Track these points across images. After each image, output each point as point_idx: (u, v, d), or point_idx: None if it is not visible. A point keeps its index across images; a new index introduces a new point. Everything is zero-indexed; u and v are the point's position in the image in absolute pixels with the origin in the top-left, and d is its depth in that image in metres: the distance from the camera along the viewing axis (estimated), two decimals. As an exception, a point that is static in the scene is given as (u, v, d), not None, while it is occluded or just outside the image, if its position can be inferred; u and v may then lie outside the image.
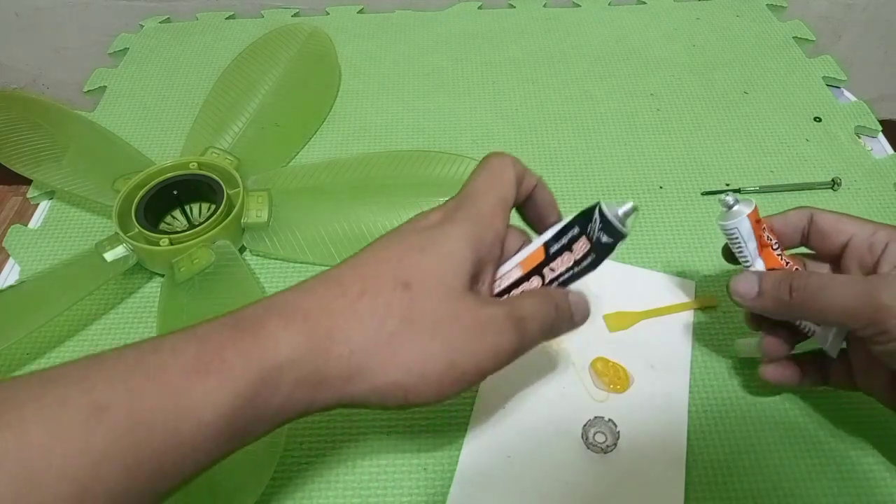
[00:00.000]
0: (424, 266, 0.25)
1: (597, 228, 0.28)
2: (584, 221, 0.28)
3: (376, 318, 0.24)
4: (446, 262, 0.26)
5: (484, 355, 0.25)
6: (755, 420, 0.37)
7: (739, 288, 0.33)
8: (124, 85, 0.62)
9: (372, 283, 0.25)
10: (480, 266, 0.27)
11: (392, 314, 0.24)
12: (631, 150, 0.54)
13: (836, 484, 0.35)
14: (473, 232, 0.27)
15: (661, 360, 0.39)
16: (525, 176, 0.30)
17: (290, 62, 0.58)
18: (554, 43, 0.65)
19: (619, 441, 0.36)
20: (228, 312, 0.25)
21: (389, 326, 0.24)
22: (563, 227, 0.29)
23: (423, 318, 0.24)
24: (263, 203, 0.46)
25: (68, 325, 0.43)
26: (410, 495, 0.35)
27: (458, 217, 0.27)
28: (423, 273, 0.25)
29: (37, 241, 0.48)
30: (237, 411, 0.22)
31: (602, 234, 0.28)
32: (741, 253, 0.33)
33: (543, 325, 0.27)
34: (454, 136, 0.55)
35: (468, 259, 0.26)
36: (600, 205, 0.28)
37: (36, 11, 0.90)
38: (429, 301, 0.25)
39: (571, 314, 0.29)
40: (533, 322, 0.27)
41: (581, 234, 0.29)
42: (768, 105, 0.57)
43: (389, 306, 0.24)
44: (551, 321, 0.28)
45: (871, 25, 0.94)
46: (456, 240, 0.26)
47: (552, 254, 0.29)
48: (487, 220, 0.27)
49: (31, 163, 0.49)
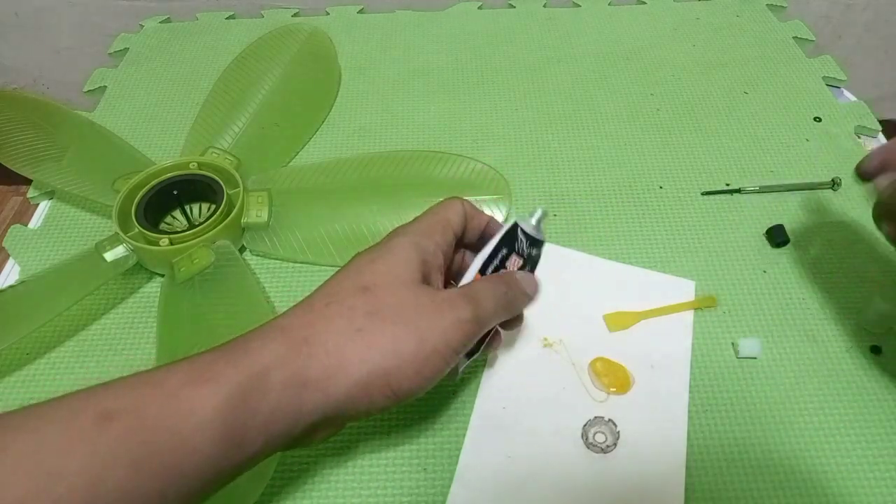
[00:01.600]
0: (379, 270, 0.29)
1: (525, 245, 0.33)
2: (509, 241, 0.32)
3: (344, 318, 0.27)
4: (397, 263, 0.29)
5: (448, 328, 0.28)
6: (755, 420, 0.37)
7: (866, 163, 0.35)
8: (124, 85, 0.62)
9: (336, 294, 0.28)
10: (427, 268, 0.30)
11: (357, 313, 0.27)
12: (631, 150, 0.54)
13: (836, 484, 0.35)
14: (414, 241, 0.30)
15: (661, 360, 0.39)
16: (476, 215, 0.33)
17: (290, 62, 0.58)
18: (554, 43, 0.65)
19: (619, 441, 0.36)
20: None
21: (357, 323, 0.27)
22: (491, 252, 0.32)
23: (386, 309, 0.27)
24: (263, 203, 0.46)
25: (68, 325, 0.43)
26: (410, 495, 0.35)
27: (400, 231, 0.31)
28: (378, 276, 0.29)
29: (37, 241, 0.48)
30: (231, 411, 0.24)
31: (531, 248, 0.33)
32: None
33: (497, 300, 0.30)
34: (454, 136, 0.55)
35: (415, 259, 0.29)
36: (519, 225, 0.32)
37: (36, 11, 0.90)
38: (388, 295, 0.28)
39: (522, 288, 0.32)
40: (486, 299, 0.30)
41: (511, 253, 0.32)
42: (768, 105, 0.57)
43: (353, 308, 0.27)
44: (503, 296, 0.30)
45: (871, 25, 0.94)
46: (401, 246, 0.30)
47: (489, 275, 0.32)
48: (427, 233, 0.31)
49: (31, 163, 0.49)
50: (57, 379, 0.40)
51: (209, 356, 0.26)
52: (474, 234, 0.34)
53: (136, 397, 0.24)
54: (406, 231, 0.31)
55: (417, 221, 0.32)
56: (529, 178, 0.51)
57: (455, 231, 0.32)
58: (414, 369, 0.27)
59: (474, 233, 0.33)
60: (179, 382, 0.24)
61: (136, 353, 0.42)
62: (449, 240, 0.32)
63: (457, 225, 0.32)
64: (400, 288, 0.28)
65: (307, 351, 0.26)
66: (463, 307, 0.28)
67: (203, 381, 0.24)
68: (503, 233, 0.32)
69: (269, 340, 0.27)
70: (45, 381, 0.40)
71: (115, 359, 0.41)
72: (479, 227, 0.33)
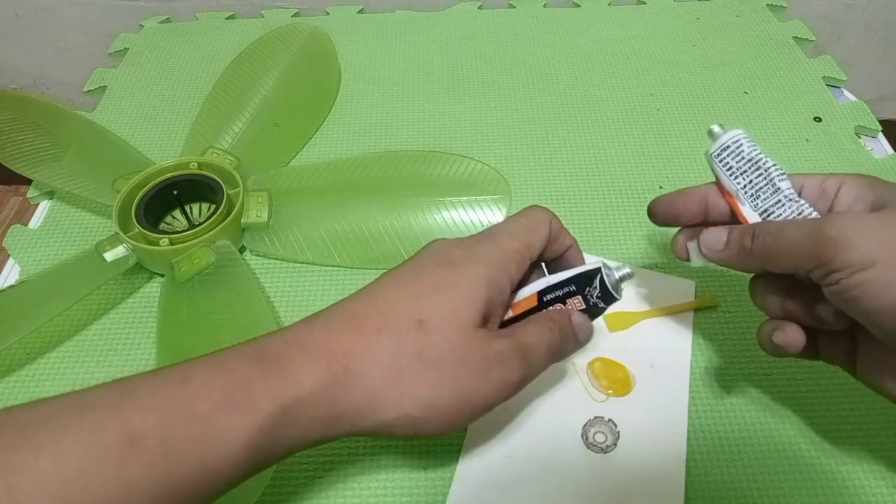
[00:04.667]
0: (438, 305, 0.26)
1: (595, 294, 0.30)
2: (582, 281, 0.30)
3: (390, 354, 0.26)
4: (461, 303, 0.27)
5: (492, 389, 0.26)
6: (755, 420, 0.37)
7: (708, 239, 0.31)
8: (124, 85, 0.62)
9: (388, 321, 0.26)
10: (491, 308, 0.28)
11: (405, 351, 0.26)
12: (631, 150, 0.54)
13: (836, 484, 0.35)
14: (488, 274, 0.27)
15: (661, 360, 0.39)
16: (560, 235, 0.31)
17: (290, 62, 0.58)
18: (554, 43, 0.65)
19: (619, 441, 0.36)
20: (252, 341, 0.26)
21: (403, 363, 0.25)
22: (562, 280, 0.30)
23: (434, 356, 0.26)
24: (263, 203, 0.46)
25: (68, 325, 0.43)
26: (410, 495, 0.35)
27: (476, 255, 0.28)
28: (436, 311, 0.26)
29: (37, 241, 0.48)
30: (260, 441, 0.24)
31: (599, 300, 0.30)
32: (760, 166, 0.30)
33: (549, 350, 0.28)
34: (454, 136, 0.55)
35: (481, 299, 0.27)
36: (602, 272, 0.30)
37: (36, 11, 0.90)
38: (441, 339, 0.26)
39: (575, 335, 0.30)
40: (539, 350, 0.28)
41: (577, 294, 0.30)
42: (768, 105, 0.57)
43: (402, 343, 0.26)
44: (556, 346, 0.29)
45: (871, 25, 0.94)
46: (471, 279, 0.27)
47: (545, 302, 0.31)
48: (503, 264, 0.28)
49: (31, 163, 0.49)
50: (57, 379, 0.40)
51: (245, 370, 0.24)
52: (551, 255, 0.31)
53: (163, 418, 0.23)
54: (481, 257, 0.28)
55: (497, 240, 0.29)
56: (529, 178, 0.51)
57: (533, 258, 0.30)
58: (445, 420, 0.26)
59: (551, 254, 0.31)
60: (211, 405, 0.23)
61: (136, 353, 0.42)
62: (524, 270, 0.30)
63: (537, 252, 0.30)
64: (455, 332, 0.26)
65: (346, 382, 0.25)
66: (513, 368, 0.27)
67: (235, 407, 0.23)
68: (581, 271, 0.30)
69: (310, 363, 0.25)
70: (45, 381, 0.40)
71: (115, 359, 0.41)
72: (558, 251, 0.31)
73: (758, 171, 0.31)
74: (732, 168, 0.31)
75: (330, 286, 0.45)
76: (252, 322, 0.40)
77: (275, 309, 0.43)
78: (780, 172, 0.30)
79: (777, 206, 0.30)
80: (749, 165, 0.31)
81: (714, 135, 0.32)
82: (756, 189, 0.31)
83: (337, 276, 0.45)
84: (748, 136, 0.31)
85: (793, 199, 0.30)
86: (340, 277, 0.45)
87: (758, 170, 0.31)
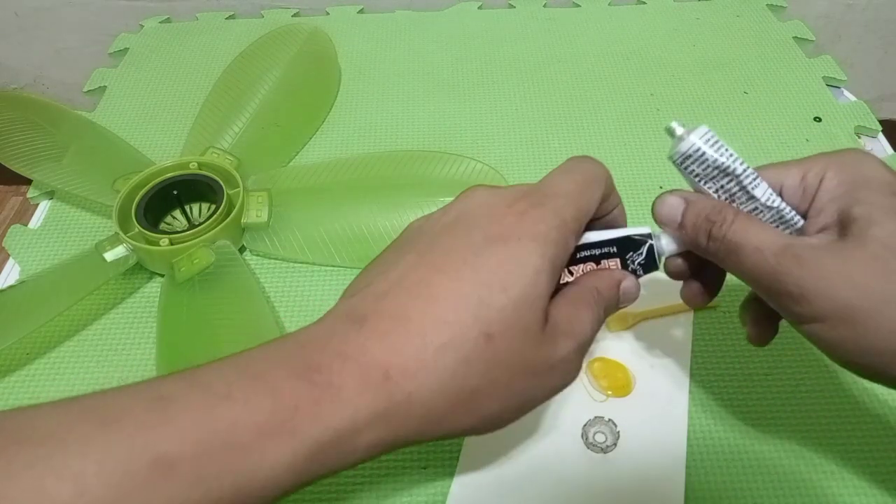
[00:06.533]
0: (505, 309, 0.23)
1: (637, 261, 0.28)
2: (626, 244, 0.27)
3: (458, 376, 0.23)
4: (523, 302, 0.24)
5: (552, 391, 0.26)
6: (755, 420, 0.37)
7: (663, 209, 0.28)
8: (124, 85, 0.62)
9: (455, 333, 0.23)
10: (552, 288, 0.25)
11: (474, 373, 0.23)
12: (631, 150, 0.54)
13: (836, 484, 0.35)
14: (550, 255, 0.24)
15: (661, 360, 0.39)
16: (611, 196, 0.28)
17: (290, 62, 0.58)
18: (554, 43, 0.65)
19: (619, 441, 0.36)
20: (293, 347, 0.23)
21: (471, 382, 0.23)
22: (604, 240, 0.27)
23: (502, 372, 0.23)
24: (263, 203, 0.46)
25: (68, 325, 0.43)
26: (410, 495, 0.35)
27: (534, 229, 0.24)
28: (503, 317, 0.23)
29: (37, 241, 0.48)
30: (307, 467, 0.22)
31: (640, 268, 0.28)
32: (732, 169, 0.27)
33: (593, 333, 0.26)
34: (454, 136, 0.55)
35: (545, 295, 0.24)
36: (652, 242, 0.27)
37: (36, 11, 0.90)
38: (507, 350, 0.23)
39: (617, 303, 0.28)
40: (592, 337, 0.26)
41: (615, 256, 0.27)
42: (768, 105, 0.57)
43: (471, 362, 0.23)
44: (602, 323, 0.27)
45: (871, 25, 0.94)
46: (534, 269, 0.24)
47: (577, 258, 0.28)
48: (563, 240, 0.25)
49: (31, 163, 0.49)
50: (57, 379, 0.40)
51: (291, 392, 0.21)
52: (600, 212, 0.28)
53: (200, 443, 0.20)
54: (542, 234, 0.24)
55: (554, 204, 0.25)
56: (529, 179, 0.51)
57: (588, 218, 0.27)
58: (503, 424, 0.25)
59: (598, 214, 0.28)
60: (255, 431, 0.21)
61: (136, 353, 0.42)
62: (580, 234, 0.27)
63: (591, 215, 0.27)
64: (521, 340, 0.24)
65: (407, 410, 0.23)
66: (574, 367, 0.25)
67: (281, 434, 0.21)
68: (628, 234, 0.27)
69: (367, 390, 0.22)
70: (45, 381, 0.40)
71: (115, 359, 0.41)
72: (607, 209, 0.28)
73: (727, 177, 0.28)
74: (699, 174, 0.28)
75: (330, 286, 0.45)
76: (252, 322, 0.40)
77: (275, 309, 0.43)
78: (752, 178, 0.28)
79: (755, 213, 0.28)
80: (717, 172, 0.28)
81: (673, 134, 0.28)
82: (730, 194, 0.28)
83: (337, 276, 0.45)
84: (712, 139, 0.27)
85: (770, 207, 0.28)
86: (340, 277, 0.45)
87: (727, 175, 0.27)
